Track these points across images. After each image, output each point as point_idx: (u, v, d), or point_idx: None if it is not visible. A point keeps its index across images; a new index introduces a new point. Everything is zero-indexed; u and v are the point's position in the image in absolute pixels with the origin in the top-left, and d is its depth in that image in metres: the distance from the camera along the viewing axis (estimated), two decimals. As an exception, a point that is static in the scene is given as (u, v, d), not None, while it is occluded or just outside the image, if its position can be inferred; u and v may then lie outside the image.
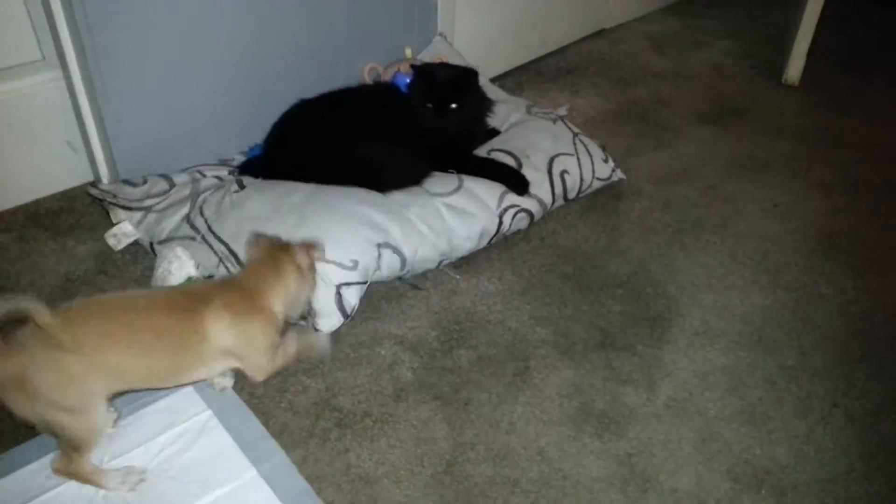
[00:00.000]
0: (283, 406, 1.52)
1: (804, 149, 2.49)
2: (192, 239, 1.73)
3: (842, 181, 2.32)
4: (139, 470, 1.35)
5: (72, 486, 1.32)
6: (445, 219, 1.84)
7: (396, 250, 1.74)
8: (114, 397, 1.39)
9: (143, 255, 1.85)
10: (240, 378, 1.56)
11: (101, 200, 1.86)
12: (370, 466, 1.41)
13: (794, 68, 2.82)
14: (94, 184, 1.98)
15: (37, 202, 2.01)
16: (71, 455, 1.28)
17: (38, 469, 1.35)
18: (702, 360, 1.68)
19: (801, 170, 2.37)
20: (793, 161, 2.42)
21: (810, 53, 2.77)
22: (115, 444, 1.40)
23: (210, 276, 1.69)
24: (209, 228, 1.74)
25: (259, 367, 1.40)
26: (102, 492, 1.31)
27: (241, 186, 1.83)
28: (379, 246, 1.72)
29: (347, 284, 1.66)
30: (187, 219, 1.78)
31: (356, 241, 1.69)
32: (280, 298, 1.39)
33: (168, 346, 1.30)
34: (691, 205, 2.18)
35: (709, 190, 2.25)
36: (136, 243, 1.84)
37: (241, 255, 1.65)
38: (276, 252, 1.43)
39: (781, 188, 2.28)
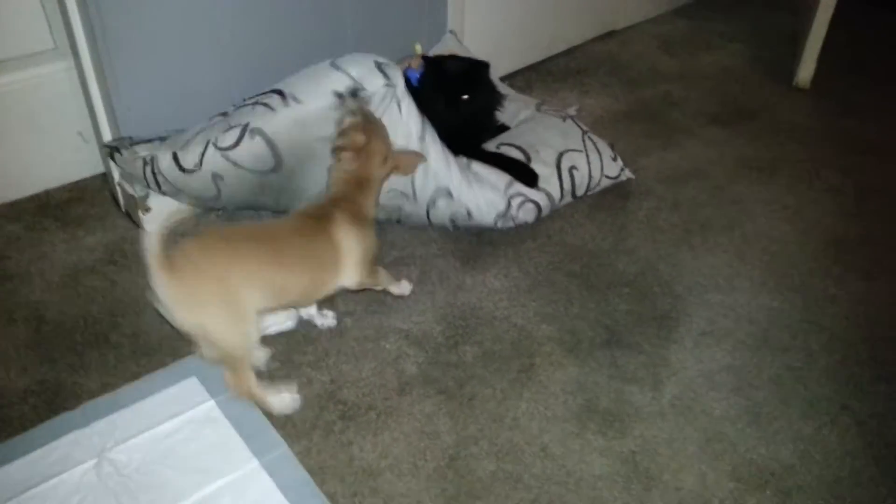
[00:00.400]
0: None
1: (814, 151, 2.47)
2: (224, 114, 1.80)
3: (851, 184, 2.31)
4: (293, 388, 1.51)
5: (74, 474, 1.33)
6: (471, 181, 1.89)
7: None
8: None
9: (150, 246, 1.86)
10: (245, 369, 1.57)
11: (116, 149, 1.81)
12: (373, 459, 1.42)
13: (805, 71, 2.81)
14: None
15: (47, 192, 2.02)
16: (233, 371, 1.40)
17: (40, 457, 1.36)
18: (708, 360, 1.67)
19: (810, 172, 2.36)
20: (802, 163, 2.41)
21: (821, 57, 2.76)
22: (119, 432, 1.40)
23: None
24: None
25: (363, 274, 1.57)
26: (104, 480, 1.32)
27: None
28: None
29: None
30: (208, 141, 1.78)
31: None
32: (373, 203, 1.60)
33: (311, 265, 1.48)
34: (700, 205, 2.17)
35: (717, 191, 2.25)
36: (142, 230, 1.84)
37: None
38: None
39: (790, 190, 2.27)
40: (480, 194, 1.88)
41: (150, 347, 1.61)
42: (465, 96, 1.94)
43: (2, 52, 1.85)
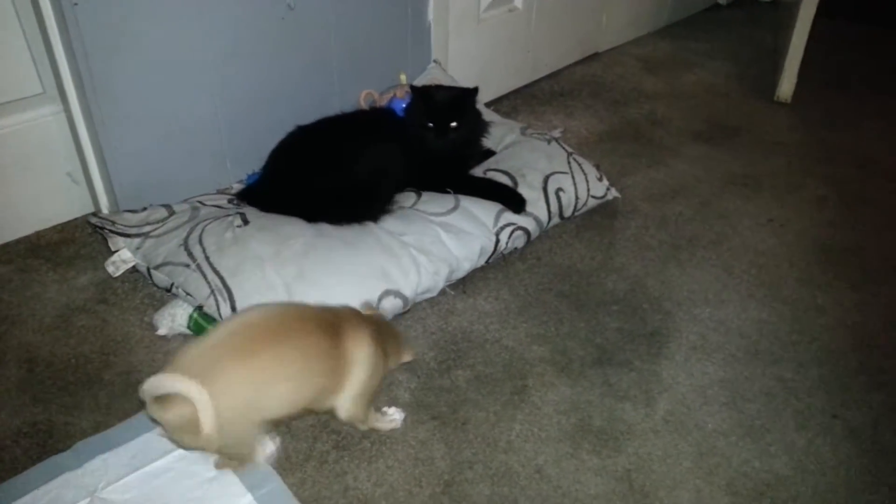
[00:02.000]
0: (280, 430, 1.52)
1: (797, 164, 2.51)
2: (187, 266, 1.72)
3: (835, 195, 2.34)
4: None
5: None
6: (444, 241, 1.85)
7: (398, 294, 1.75)
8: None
9: (142, 284, 1.87)
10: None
11: (100, 228, 1.87)
12: (368, 488, 1.41)
13: (786, 86, 2.86)
14: (95, 213, 2.01)
15: (38, 234, 2.03)
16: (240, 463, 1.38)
17: (31, 501, 1.34)
18: (699, 375, 1.67)
19: (794, 185, 2.39)
20: (786, 176, 2.44)
21: (801, 71, 2.81)
22: (111, 471, 1.39)
23: (201, 309, 1.69)
24: (206, 258, 1.73)
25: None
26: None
27: (245, 221, 1.82)
28: (380, 296, 1.73)
29: None
30: (184, 244, 1.77)
31: (358, 296, 1.66)
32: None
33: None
34: (686, 221, 2.20)
35: (703, 206, 2.27)
36: (134, 270, 1.86)
37: (236, 292, 1.64)
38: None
39: (776, 203, 2.29)
40: (468, 248, 1.87)
41: (141, 385, 1.61)
42: (454, 123, 1.97)
43: (-9, 99, 1.87)
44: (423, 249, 1.82)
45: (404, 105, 2.18)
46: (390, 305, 1.74)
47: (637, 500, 1.40)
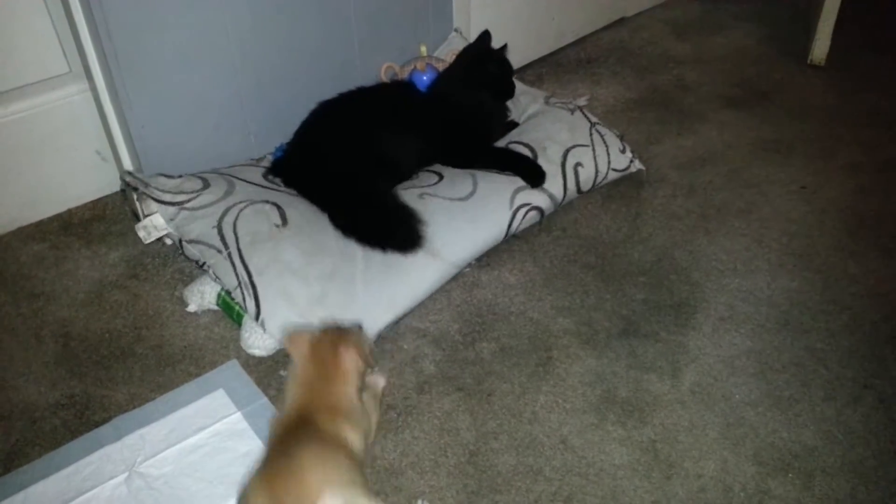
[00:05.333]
0: (308, 401, 1.54)
1: (831, 129, 2.44)
2: (219, 251, 1.70)
3: (870, 161, 2.27)
4: None
5: (106, 489, 1.37)
6: (456, 230, 1.82)
7: (402, 319, 1.73)
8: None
9: (172, 259, 1.90)
10: (268, 375, 1.60)
11: (133, 188, 1.83)
12: (395, 458, 1.43)
13: (820, 48, 2.77)
14: (129, 172, 1.95)
15: (69, 211, 2.07)
16: None
17: (73, 472, 1.39)
18: (727, 345, 1.66)
19: (828, 151, 2.33)
20: (819, 142, 2.37)
21: (836, 32, 2.71)
22: (148, 446, 1.44)
23: (229, 292, 1.69)
24: (238, 249, 1.70)
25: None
26: (134, 494, 1.35)
27: (284, 220, 1.76)
28: (392, 322, 1.71)
29: None
30: (218, 227, 1.74)
31: (375, 326, 1.66)
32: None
33: None
34: (715, 190, 2.16)
35: (733, 174, 2.22)
36: (162, 244, 1.88)
37: (261, 292, 1.62)
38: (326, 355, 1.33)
39: (808, 170, 2.24)
40: (486, 233, 1.86)
41: (173, 358, 1.65)
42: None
43: (20, 79, 1.90)
44: (435, 252, 1.77)
45: (425, 78, 2.17)
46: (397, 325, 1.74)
47: (662, 471, 1.40)
